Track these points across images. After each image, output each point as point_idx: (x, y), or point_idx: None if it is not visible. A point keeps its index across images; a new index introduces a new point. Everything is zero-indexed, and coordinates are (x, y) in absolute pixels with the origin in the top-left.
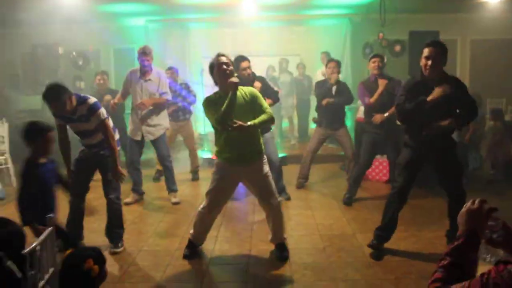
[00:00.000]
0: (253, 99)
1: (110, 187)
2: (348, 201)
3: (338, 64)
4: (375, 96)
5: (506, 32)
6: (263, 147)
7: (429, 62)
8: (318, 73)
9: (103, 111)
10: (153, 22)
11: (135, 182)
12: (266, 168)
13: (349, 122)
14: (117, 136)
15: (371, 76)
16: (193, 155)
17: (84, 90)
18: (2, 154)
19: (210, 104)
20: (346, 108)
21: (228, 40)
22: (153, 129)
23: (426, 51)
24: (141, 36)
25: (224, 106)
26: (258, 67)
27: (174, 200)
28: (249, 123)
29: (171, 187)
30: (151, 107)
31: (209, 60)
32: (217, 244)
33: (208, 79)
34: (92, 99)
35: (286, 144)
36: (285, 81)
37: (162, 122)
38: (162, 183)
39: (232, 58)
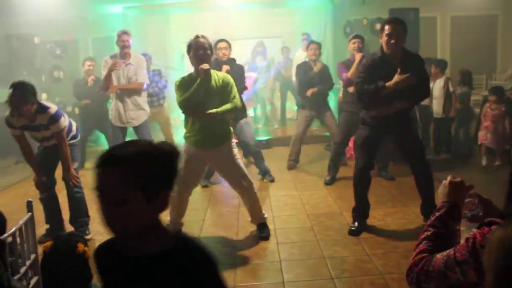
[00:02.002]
0: (224, 85)
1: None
2: (330, 182)
3: (319, 46)
4: (352, 69)
5: (486, 8)
6: (230, 131)
7: (392, 40)
8: (298, 55)
9: (62, 120)
10: (131, 9)
11: None
12: (234, 151)
13: (332, 103)
14: (74, 127)
15: (351, 56)
16: (169, 141)
17: (64, 80)
18: None
19: (181, 85)
20: None
21: (209, 25)
22: (135, 114)
23: (387, 28)
24: (119, 24)
25: (189, 92)
26: (240, 51)
27: None
28: (210, 111)
29: None
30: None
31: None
32: (204, 227)
33: (189, 65)
34: (53, 109)
35: (270, 128)
36: (261, 65)
37: (144, 107)
38: None
39: (213, 42)
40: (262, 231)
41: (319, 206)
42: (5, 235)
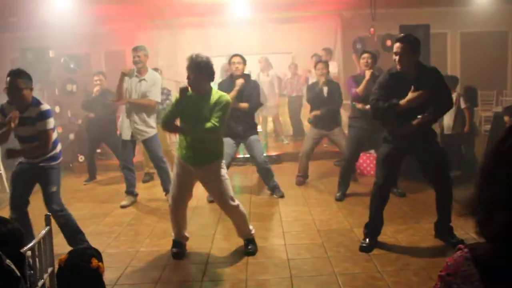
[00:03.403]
0: (215, 105)
1: (52, 200)
2: (340, 198)
3: (326, 65)
4: (362, 85)
5: (495, 24)
6: (220, 152)
7: (397, 58)
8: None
9: (51, 121)
10: (144, 24)
11: (129, 183)
12: (222, 171)
13: (344, 119)
14: (58, 148)
15: (361, 71)
16: (169, 157)
17: (77, 93)
18: None
19: (175, 102)
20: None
21: (220, 40)
22: (142, 129)
23: (395, 46)
24: (131, 38)
25: (170, 107)
26: (250, 66)
27: None
28: (185, 130)
29: (167, 188)
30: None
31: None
32: (214, 242)
33: None
34: (46, 106)
35: (279, 144)
36: (264, 80)
37: (152, 124)
38: (152, 184)
39: (226, 58)
40: (247, 246)
41: (329, 222)
42: (25, 248)
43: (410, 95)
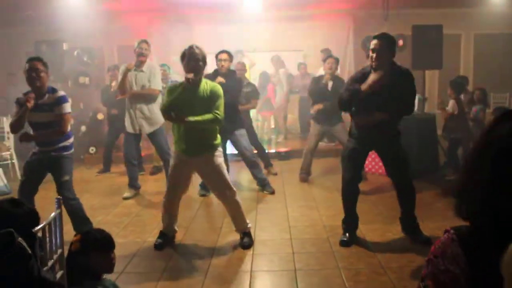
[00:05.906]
0: (212, 96)
1: (65, 188)
2: None
3: (336, 60)
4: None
5: (510, 26)
6: (216, 141)
7: (374, 55)
8: (321, 71)
9: (68, 105)
10: (157, 19)
11: (131, 177)
12: (218, 160)
13: None
14: (71, 139)
15: None
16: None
17: (90, 86)
18: (7, 150)
19: (169, 91)
20: None
21: (232, 36)
22: (148, 122)
23: (372, 43)
24: (144, 32)
25: (171, 98)
26: (261, 62)
27: None
28: (188, 118)
29: None
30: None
31: (213, 56)
32: (221, 235)
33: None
34: (62, 92)
35: (289, 140)
36: (276, 78)
37: (158, 115)
38: (161, 176)
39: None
40: (243, 239)
41: (335, 218)
42: (36, 228)
43: (370, 78)
